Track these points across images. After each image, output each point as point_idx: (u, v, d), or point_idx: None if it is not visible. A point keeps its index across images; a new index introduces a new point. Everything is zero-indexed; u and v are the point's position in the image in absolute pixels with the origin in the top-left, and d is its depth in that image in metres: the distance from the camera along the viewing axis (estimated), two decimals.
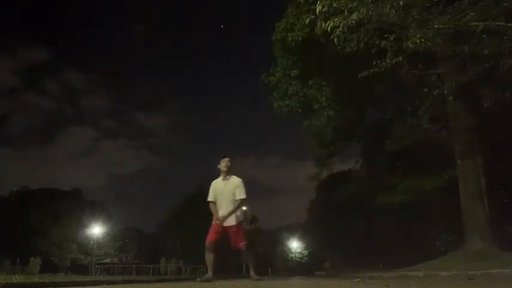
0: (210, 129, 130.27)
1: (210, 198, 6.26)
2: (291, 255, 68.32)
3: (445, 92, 10.00)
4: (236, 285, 5.02)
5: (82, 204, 43.98)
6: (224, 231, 6.05)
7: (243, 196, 6.05)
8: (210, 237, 6.04)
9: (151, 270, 35.34)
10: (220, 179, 6.25)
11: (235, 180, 6.15)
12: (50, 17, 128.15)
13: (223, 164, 6.19)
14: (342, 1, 7.66)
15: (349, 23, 7.76)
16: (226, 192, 6.08)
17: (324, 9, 8.02)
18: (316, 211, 43.07)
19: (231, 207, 6.02)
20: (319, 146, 18.24)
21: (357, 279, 6.89)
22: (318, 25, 9.36)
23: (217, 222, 6.05)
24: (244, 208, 6.35)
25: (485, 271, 7.16)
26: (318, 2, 8.10)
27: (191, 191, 47.85)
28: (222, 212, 6.06)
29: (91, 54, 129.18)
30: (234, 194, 6.04)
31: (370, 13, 7.50)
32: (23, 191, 46.08)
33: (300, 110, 15.46)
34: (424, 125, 14.24)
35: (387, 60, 9.27)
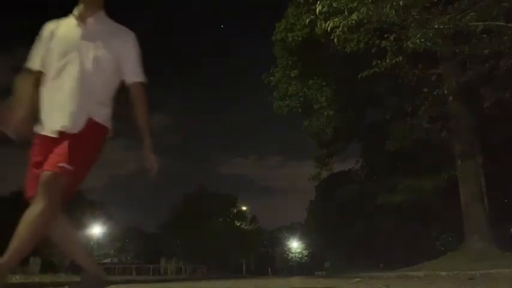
0: (210, 129, 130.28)
1: (30, 63, 2.23)
2: (291, 255, 68.36)
3: (445, 92, 10.01)
4: (236, 285, 5.01)
5: (82, 204, 43.94)
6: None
7: (143, 78, 2.29)
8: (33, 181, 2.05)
9: (151, 270, 35.27)
10: (69, 19, 2.27)
11: (116, 30, 2.33)
12: (49, 15, 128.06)
13: None
14: (342, 1, 7.67)
15: (349, 23, 7.77)
16: (81, 52, 2.14)
17: (324, 9, 8.04)
18: (316, 211, 43.09)
19: (84, 94, 2.10)
20: (319, 146, 18.26)
21: (357, 279, 6.90)
22: (318, 25, 9.40)
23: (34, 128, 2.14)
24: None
25: (485, 271, 7.16)
26: (318, 2, 8.12)
27: (191, 191, 47.94)
28: (58, 101, 2.10)
29: None
30: (105, 63, 2.17)
31: (370, 13, 7.50)
32: (23, 191, 46.07)
33: (300, 110, 15.48)
34: (424, 125, 14.24)
35: (387, 60, 9.30)
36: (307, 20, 10.34)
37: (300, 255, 67.35)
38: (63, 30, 2.24)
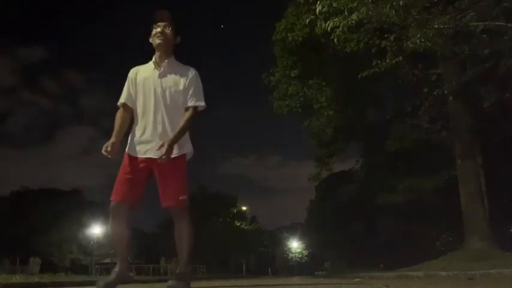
0: (209, 129, 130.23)
1: (121, 99, 2.92)
2: (291, 255, 68.35)
3: (445, 92, 10.02)
4: (236, 285, 5.01)
5: (82, 204, 43.96)
6: (148, 173, 2.82)
7: (201, 103, 2.88)
8: (118, 190, 2.78)
9: (151, 270, 35.29)
10: (149, 64, 2.96)
11: (182, 70, 2.92)
12: (49, 15, 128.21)
13: (158, 31, 2.88)
14: (342, 1, 7.68)
15: (349, 23, 7.78)
16: (159, 89, 2.82)
17: (324, 9, 8.04)
18: (316, 211, 43.08)
19: (166, 122, 2.80)
20: (319, 146, 18.26)
21: (357, 279, 6.90)
22: (318, 25, 9.39)
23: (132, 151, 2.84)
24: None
25: (485, 271, 7.16)
26: (318, 2, 8.12)
27: (191, 191, 47.89)
28: (145, 130, 2.81)
29: (90, 52, 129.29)
30: (177, 96, 2.83)
31: (370, 13, 7.51)
32: (23, 191, 45.99)
33: (300, 110, 15.47)
34: (424, 125, 14.25)
35: (387, 60, 9.30)
36: (307, 20, 10.32)
37: (300, 255, 67.31)
38: (144, 73, 2.93)
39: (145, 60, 3.02)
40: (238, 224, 51.65)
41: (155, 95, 2.81)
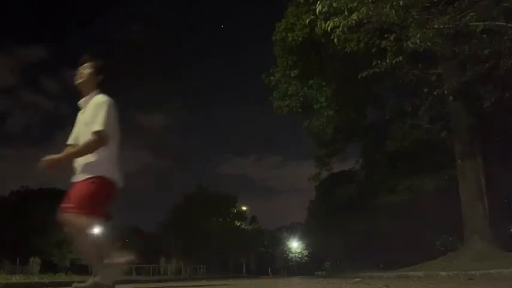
0: (210, 129, 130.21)
1: (69, 140, 3.36)
2: (291, 255, 68.36)
3: (445, 92, 10.01)
4: (236, 285, 5.01)
5: None
6: None
7: (97, 127, 3.03)
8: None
9: (151, 270, 35.31)
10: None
11: (93, 102, 3.20)
12: (49, 15, 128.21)
13: (77, 74, 3.34)
14: (342, 1, 7.68)
15: (349, 23, 7.78)
16: (81, 125, 3.26)
17: (324, 9, 8.05)
18: (316, 211, 43.07)
19: None
20: (319, 146, 18.26)
21: (357, 279, 6.91)
22: (318, 25, 9.39)
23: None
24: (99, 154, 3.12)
25: (485, 271, 7.16)
26: (318, 2, 8.13)
27: (191, 191, 47.89)
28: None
29: (90, 53, 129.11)
30: (89, 128, 3.11)
31: (370, 13, 7.51)
32: (23, 191, 46.00)
33: (300, 110, 15.47)
34: (424, 125, 14.26)
35: (387, 60, 9.30)
36: (307, 20, 10.35)
37: (300, 255, 67.33)
38: (79, 115, 3.34)
39: (144, 58, 3.26)
40: (238, 224, 51.63)
41: (80, 131, 3.24)
